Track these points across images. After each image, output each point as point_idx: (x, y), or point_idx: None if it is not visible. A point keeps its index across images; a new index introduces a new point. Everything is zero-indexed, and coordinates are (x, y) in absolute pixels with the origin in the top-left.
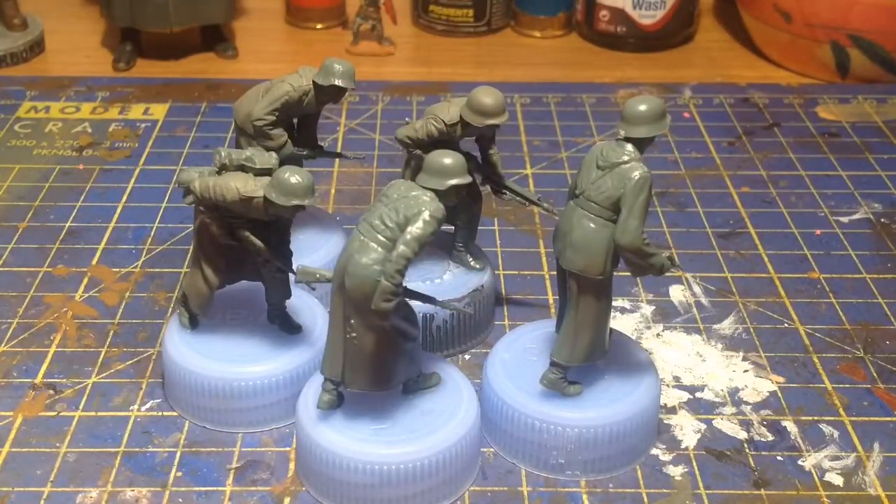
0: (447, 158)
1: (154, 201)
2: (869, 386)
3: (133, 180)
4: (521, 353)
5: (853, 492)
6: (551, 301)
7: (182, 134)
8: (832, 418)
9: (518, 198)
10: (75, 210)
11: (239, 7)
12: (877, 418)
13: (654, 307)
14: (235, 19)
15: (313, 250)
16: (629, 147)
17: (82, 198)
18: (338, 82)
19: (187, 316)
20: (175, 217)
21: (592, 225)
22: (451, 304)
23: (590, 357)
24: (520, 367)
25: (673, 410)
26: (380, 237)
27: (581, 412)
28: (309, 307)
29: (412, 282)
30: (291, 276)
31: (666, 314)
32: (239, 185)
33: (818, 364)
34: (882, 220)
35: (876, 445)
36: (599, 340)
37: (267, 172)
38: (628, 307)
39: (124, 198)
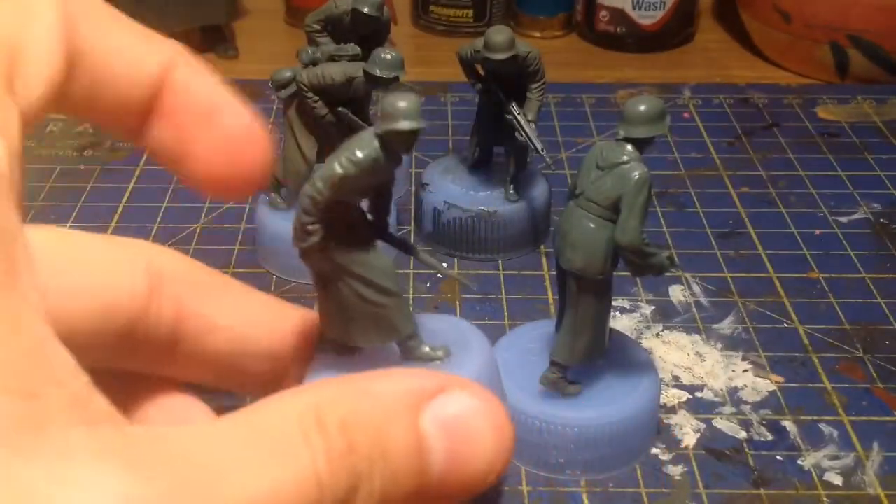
0: (401, 101)
1: (155, 201)
2: (868, 386)
3: (134, 181)
4: (521, 352)
5: (852, 491)
6: (551, 301)
7: None
8: (831, 418)
9: (524, 136)
10: (76, 210)
11: (239, 7)
12: (876, 418)
13: (653, 307)
14: (235, 20)
15: None
16: (629, 147)
17: (83, 198)
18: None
19: None
20: (176, 217)
21: (592, 225)
22: (443, 267)
23: (589, 357)
24: (520, 366)
25: (672, 410)
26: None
27: (581, 412)
28: None
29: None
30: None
31: (665, 314)
32: (342, 69)
33: (817, 364)
34: (881, 220)
35: (875, 445)
36: (599, 340)
37: (354, 58)
38: (628, 307)
39: (125, 198)
